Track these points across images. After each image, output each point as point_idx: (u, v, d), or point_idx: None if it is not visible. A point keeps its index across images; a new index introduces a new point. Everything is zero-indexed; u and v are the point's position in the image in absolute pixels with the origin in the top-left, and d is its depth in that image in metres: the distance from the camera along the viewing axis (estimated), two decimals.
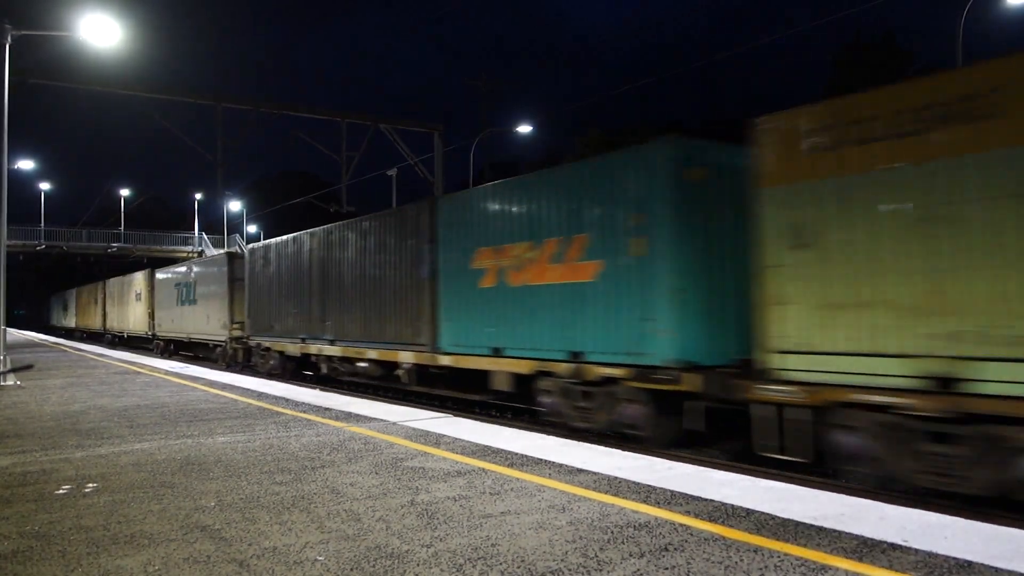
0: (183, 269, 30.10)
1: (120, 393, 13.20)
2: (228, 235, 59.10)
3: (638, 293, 9.67)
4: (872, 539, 4.39)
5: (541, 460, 6.80)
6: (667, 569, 3.96)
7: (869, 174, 7.00)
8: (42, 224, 57.01)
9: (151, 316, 33.89)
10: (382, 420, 9.50)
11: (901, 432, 6.97)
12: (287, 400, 11.92)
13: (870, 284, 6.97)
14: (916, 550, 4.19)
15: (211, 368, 21.49)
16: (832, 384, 7.29)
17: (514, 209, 11.87)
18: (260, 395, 12.66)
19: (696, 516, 4.96)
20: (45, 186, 59.90)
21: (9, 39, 15.58)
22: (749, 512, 5.02)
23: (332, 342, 17.44)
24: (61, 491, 5.87)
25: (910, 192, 6.78)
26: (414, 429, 8.73)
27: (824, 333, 7.32)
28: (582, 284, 10.44)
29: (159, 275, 33.37)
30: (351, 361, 16.90)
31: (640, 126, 51.25)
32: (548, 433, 9.01)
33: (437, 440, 7.95)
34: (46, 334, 61.10)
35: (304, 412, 10.36)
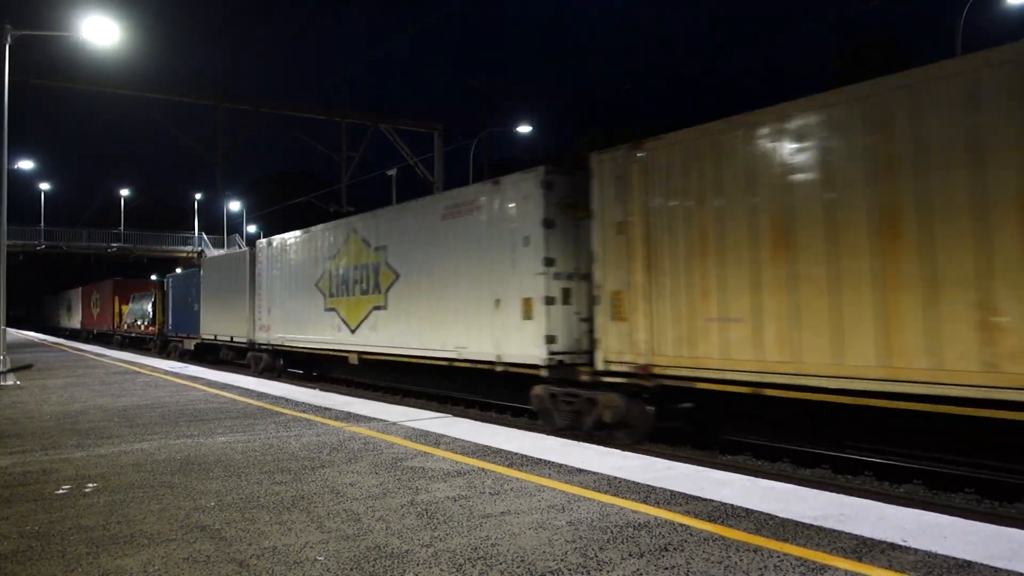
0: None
1: (120, 393, 13.20)
2: (228, 235, 59.11)
3: None
4: (872, 539, 4.39)
5: (541, 460, 6.80)
6: (667, 569, 3.97)
7: None
8: (42, 224, 57.05)
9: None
10: (382, 420, 9.51)
11: None
12: (287, 400, 11.92)
13: None
14: (916, 550, 4.19)
15: (210, 368, 21.46)
16: None
17: None
18: (260, 395, 12.66)
19: (696, 516, 4.96)
20: (45, 186, 59.95)
21: (9, 39, 15.59)
22: (749, 512, 5.02)
23: None
24: (61, 491, 5.87)
25: None
26: (414, 429, 8.73)
27: None
28: None
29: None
30: None
31: (640, 125, 51.28)
32: (548, 433, 9.01)
33: (437, 440, 7.95)
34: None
35: (304, 412, 10.37)
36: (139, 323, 38.88)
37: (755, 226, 8.39)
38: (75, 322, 57.72)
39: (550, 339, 10.81)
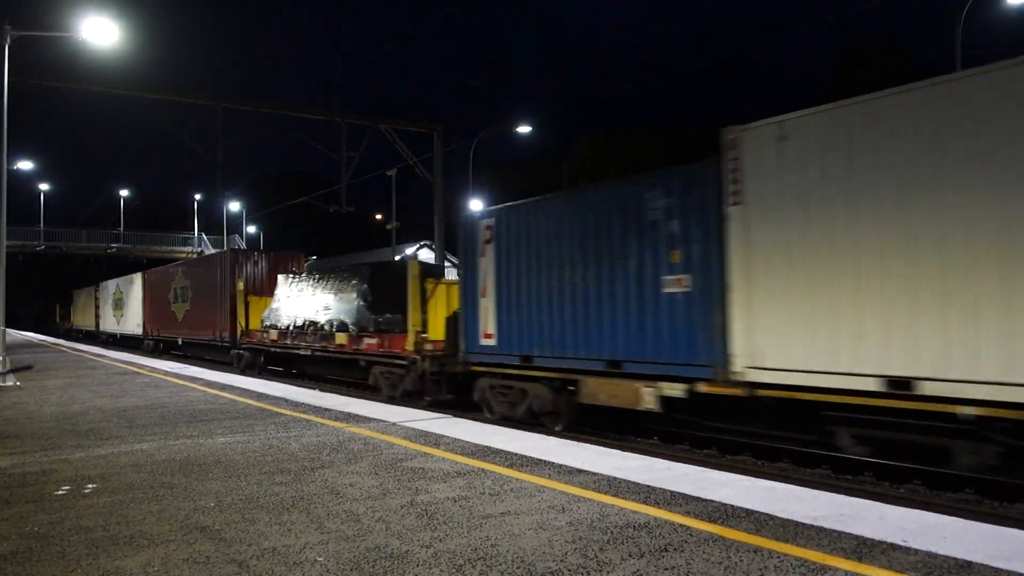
0: None
1: (120, 394, 13.19)
2: (228, 235, 59.14)
3: None
4: (872, 539, 4.39)
5: (541, 460, 6.80)
6: (667, 569, 3.96)
7: None
8: (42, 225, 57.11)
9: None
10: (381, 421, 9.50)
11: None
12: (286, 400, 11.91)
13: None
14: (915, 550, 4.19)
15: (209, 368, 21.44)
16: None
17: None
18: (259, 395, 12.65)
19: (696, 516, 4.96)
20: (45, 186, 59.99)
21: (9, 39, 15.59)
22: (749, 512, 5.02)
23: None
24: (60, 492, 5.87)
25: None
26: (413, 429, 8.73)
27: None
28: None
29: None
30: None
31: (640, 125, 51.42)
32: (548, 434, 9.01)
33: (436, 440, 7.95)
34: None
35: (303, 412, 10.36)
36: (328, 328, 18.27)
37: None
38: (129, 325, 38.24)
39: None
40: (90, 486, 6.04)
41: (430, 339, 14.73)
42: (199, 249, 58.96)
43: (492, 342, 12.54)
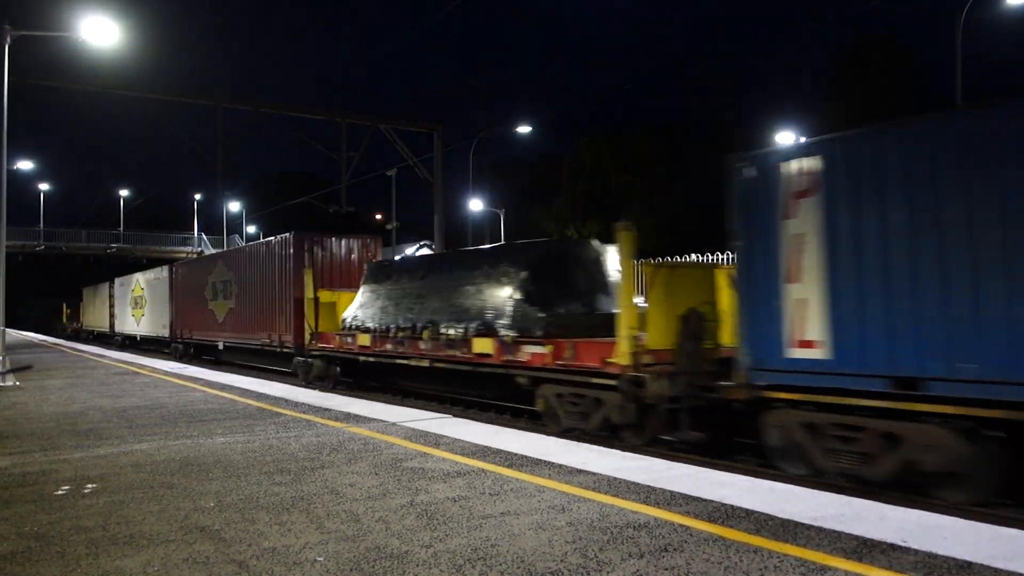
0: None
1: (119, 394, 13.19)
2: (228, 235, 59.17)
3: None
4: (872, 539, 4.39)
5: (541, 461, 6.80)
6: (667, 570, 3.96)
7: None
8: (41, 225, 57.16)
9: None
10: (381, 421, 9.50)
11: None
12: (287, 401, 11.91)
13: None
14: (916, 550, 4.19)
15: (210, 368, 21.41)
16: None
17: None
18: (259, 396, 12.65)
19: (696, 516, 4.96)
20: (44, 186, 60.03)
21: (9, 39, 15.60)
22: (749, 512, 5.02)
23: None
24: (60, 492, 5.86)
25: None
26: (413, 430, 8.73)
27: None
28: None
29: None
30: None
31: (640, 125, 51.42)
32: (548, 434, 9.01)
33: (436, 441, 7.95)
34: None
35: (304, 413, 10.36)
36: (457, 333, 13.11)
37: None
38: (152, 326, 33.54)
39: None
40: (90, 486, 6.04)
41: (649, 347, 9.57)
42: (199, 249, 59.00)
43: (817, 354, 7.76)
